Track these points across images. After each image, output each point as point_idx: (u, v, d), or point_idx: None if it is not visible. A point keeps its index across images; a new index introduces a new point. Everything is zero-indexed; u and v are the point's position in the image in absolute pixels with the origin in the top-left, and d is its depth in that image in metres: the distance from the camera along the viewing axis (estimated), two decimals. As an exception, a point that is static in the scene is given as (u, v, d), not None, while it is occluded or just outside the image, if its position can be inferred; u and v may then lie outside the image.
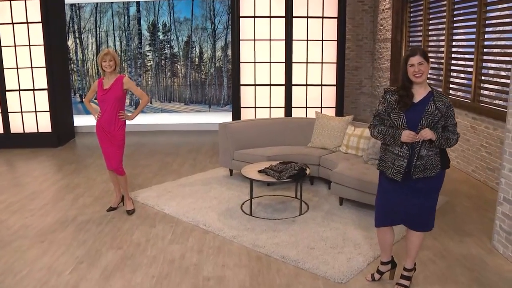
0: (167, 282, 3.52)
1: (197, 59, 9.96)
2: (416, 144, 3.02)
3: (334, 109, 7.93)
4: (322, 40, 7.72)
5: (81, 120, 9.63)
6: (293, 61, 7.76)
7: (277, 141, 6.15)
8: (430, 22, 7.51)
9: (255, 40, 7.73)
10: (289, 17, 7.59)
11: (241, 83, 7.84)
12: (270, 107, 7.92)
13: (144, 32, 9.80)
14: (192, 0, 9.64)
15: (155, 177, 6.25)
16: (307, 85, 7.88)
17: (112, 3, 9.60)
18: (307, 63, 7.80)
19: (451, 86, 6.76)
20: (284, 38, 7.68)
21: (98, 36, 9.79)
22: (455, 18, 6.60)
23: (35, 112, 8.10)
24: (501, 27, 5.60)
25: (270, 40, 7.72)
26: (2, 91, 7.91)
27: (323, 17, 7.64)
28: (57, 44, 8.27)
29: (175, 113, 10.08)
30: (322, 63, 7.81)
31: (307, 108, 7.93)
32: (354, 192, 4.81)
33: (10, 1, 7.69)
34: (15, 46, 7.85)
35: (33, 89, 8.01)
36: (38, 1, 7.69)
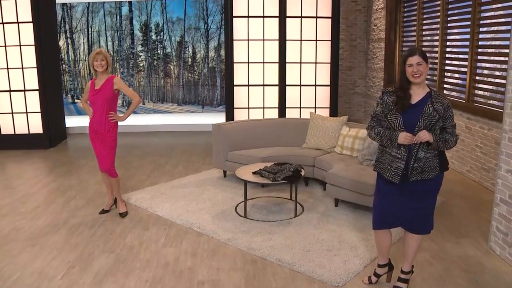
0: (161, 286, 3.46)
1: (190, 59, 9.89)
2: (413, 146, 2.98)
3: (328, 109, 7.91)
4: (316, 40, 7.69)
5: (73, 121, 9.54)
6: (287, 61, 7.72)
7: (271, 142, 6.10)
8: (424, 22, 7.50)
9: (248, 40, 7.68)
10: (282, 17, 7.55)
11: (235, 83, 7.79)
12: (263, 108, 7.88)
13: (137, 32, 9.71)
14: (185, 0, 9.58)
15: (148, 179, 6.18)
16: (301, 85, 7.84)
17: (104, 2, 9.51)
18: (301, 63, 7.77)
19: (446, 86, 6.75)
20: (277, 38, 7.64)
21: (90, 36, 9.69)
22: (449, 18, 6.59)
23: (26, 113, 8.00)
24: (495, 27, 5.59)
25: (263, 40, 7.68)
26: (-8, 92, 7.82)
27: (317, 17, 7.61)
28: (48, 44, 8.18)
29: (168, 114, 10.01)
30: (316, 63, 7.78)
31: (301, 108, 7.89)
32: (349, 193, 4.77)
33: (0, 0, 7.59)
34: (5, 46, 7.75)
35: (24, 90, 7.91)
36: (29, 1, 7.59)
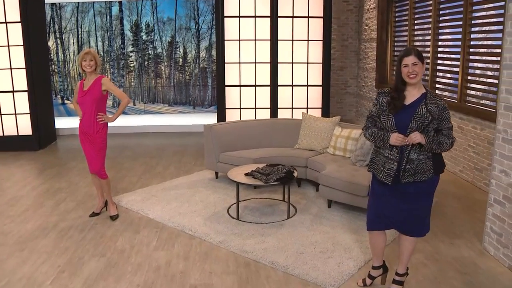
0: (153, 291, 3.40)
1: (181, 60, 9.81)
2: (406, 147, 2.94)
3: (320, 109, 7.89)
4: (308, 40, 7.67)
5: (62, 123, 9.42)
6: (279, 61, 7.69)
7: (263, 143, 6.06)
8: (416, 22, 7.50)
9: (240, 40, 7.64)
10: (274, 16, 7.52)
11: (226, 83, 7.75)
12: (255, 108, 7.84)
13: (127, 32, 9.62)
14: (176, 0, 9.50)
15: (139, 181, 6.11)
16: (292, 85, 7.81)
17: (93, 2, 9.41)
18: (292, 63, 7.74)
19: (438, 86, 6.75)
20: (269, 38, 7.61)
21: (80, 36, 9.58)
22: (441, 18, 6.59)
23: (15, 114, 7.88)
24: (487, 27, 5.59)
25: (255, 40, 7.63)
26: (-20, 93, 7.70)
27: (308, 17, 7.59)
28: (37, 44, 8.06)
29: (159, 115, 9.93)
30: (307, 63, 7.76)
31: (292, 108, 7.86)
32: (342, 194, 4.73)
33: (-13, 0, 7.48)
34: (-7, 46, 7.64)
35: (13, 91, 7.79)
36: (17, 0, 7.48)
